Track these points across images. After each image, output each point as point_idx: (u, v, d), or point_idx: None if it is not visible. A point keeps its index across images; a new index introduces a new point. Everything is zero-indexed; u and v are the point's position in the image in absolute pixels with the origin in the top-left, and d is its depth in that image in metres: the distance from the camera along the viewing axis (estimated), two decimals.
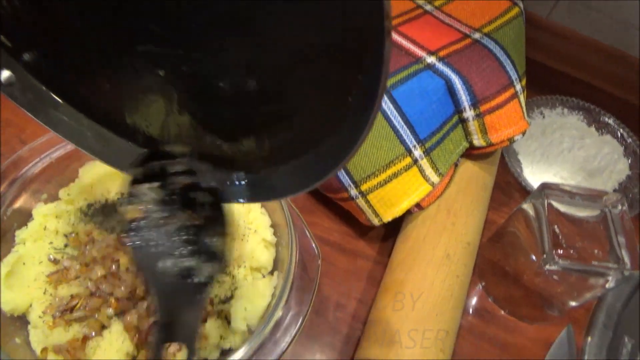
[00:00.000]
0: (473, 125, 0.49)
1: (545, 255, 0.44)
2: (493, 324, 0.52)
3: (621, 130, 0.63)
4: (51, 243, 0.43)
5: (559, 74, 0.74)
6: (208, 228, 0.31)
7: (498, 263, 0.54)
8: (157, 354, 0.27)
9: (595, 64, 0.71)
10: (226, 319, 0.44)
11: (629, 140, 0.63)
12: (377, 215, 0.49)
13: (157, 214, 0.30)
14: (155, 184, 0.30)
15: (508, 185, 0.61)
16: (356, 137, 0.23)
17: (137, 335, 0.40)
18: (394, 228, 0.53)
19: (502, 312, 0.54)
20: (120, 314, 0.41)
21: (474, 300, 0.54)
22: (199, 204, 0.31)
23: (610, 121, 0.64)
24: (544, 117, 0.64)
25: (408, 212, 0.51)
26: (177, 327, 0.29)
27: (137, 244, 0.30)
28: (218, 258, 0.31)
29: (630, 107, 0.71)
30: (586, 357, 0.51)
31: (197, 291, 0.29)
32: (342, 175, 0.49)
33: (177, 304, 0.29)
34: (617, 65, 0.70)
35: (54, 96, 0.31)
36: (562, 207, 0.47)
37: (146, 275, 0.29)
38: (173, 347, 0.40)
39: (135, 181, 0.31)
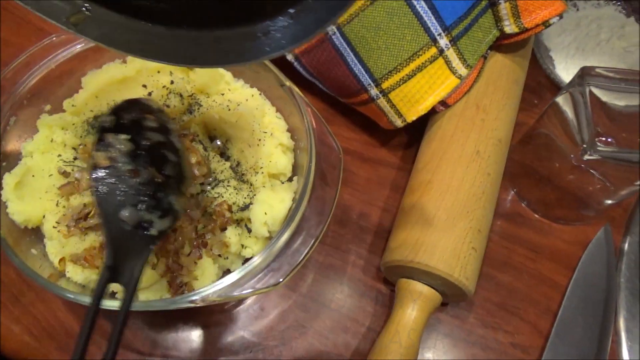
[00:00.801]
0: (505, 9, 0.44)
1: (585, 145, 0.40)
2: (526, 227, 0.50)
3: None
4: (60, 156, 0.41)
5: None
6: (168, 187, 0.33)
7: (530, 165, 0.51)
8: (100, 292, 0.30)
9: None
10: (247, 227, 0.42)
11: None
12: (400, 115, 0.46)
13: (123, 166, 0.32)
14: (124, 137, 0.32)
15: (539, 85, 0.57)
16: None
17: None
18: (418, 133, 0.50)
19: (536, 215, 0.51)
20: None
21: (506, 205, 0.51)
22: (163, 162, 0.33)
23: None
24: (577, 9, 0.59)
25: (433, 111, 0.47)
26: (122, 270, 0.30)
27: (101, 189, 0.32)
28: (172, 216, 0.32)
29: None
30: (625, 257, 0.48)
31: (147, 242, 0.31)
32: (360, 73, 0.45)
33: (126, 250, 0.31)
34: None
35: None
36: (602, 95, 0.43)
37: (103, 219, 0.31)
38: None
39: (107, 129, 0.32)
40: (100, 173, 0.32)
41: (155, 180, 0.32)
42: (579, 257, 0.48)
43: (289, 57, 0.50)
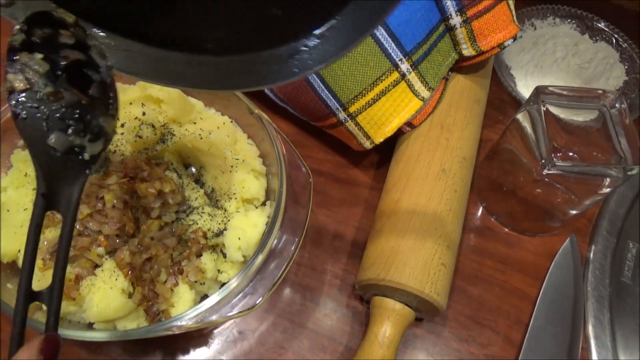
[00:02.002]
0: (461, 33, 0.46)
1: (543, 160, 0.42)
2: (495, 240, 0.52)
3: (616, 35, 0.61)
4: (34, 189, 0.42)
5: None
6: (95, 108, 0.30)
7: (497, 180, 0.53)
8: (38, 221, 0.28)
9: None
10: (222, 252, 0.43)
11: (625, 45, 0.60)
12: (368, 137, 0.48)
13: (43, 88, 0.29)
14: (39, 55, 0.29)
15: (502, 102, 0.59)
16: None
17: (130, 271, 0.39)
18: (388, 152, 0.52)
19: (504, 228, 0.53)
20: (111, 251, 0.40)
21: (474, 220, 0.53)
22: (87, 82, 0.30)
23: (604, 27, 0.61)
24: (535, 28, 0.62)
25: (400, 132, 0.49)
26: (58, 198, 0.29)
27: (22, 115, 0.29)
28: (104, 138, 0.30)
29: (624, 13, 0.68)
30: (591, 265, 0.50)
31: (82, 167, 0.29)
32: (328, 98, 0.47)
33: (60, 177, 0.29)
34: None
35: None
36: (558, 112, 0.46)
37: (29, 148, 0.29)
38: None
39: (17, 49, 0.29)
40: (19, 97, 0.29)
41: (81, 102, 0.30)
42: (547, 268, 0.50)
43: None
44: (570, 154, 0.44)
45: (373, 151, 0.54)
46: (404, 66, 0.45)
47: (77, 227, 0.39)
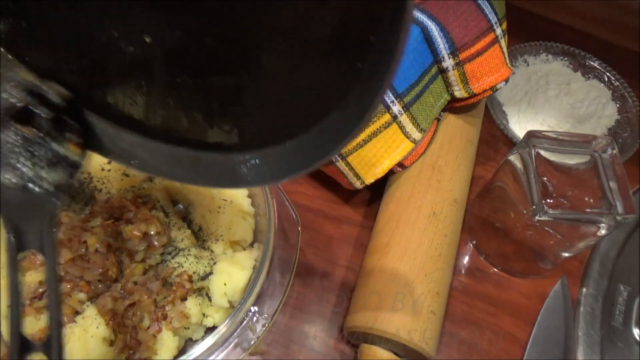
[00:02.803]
0: (453, 75, 0.46)
1: (534, 206, 0.42)
2: (485, 281, 0.51)
3: (608, 74, 0.61)
4: None
5: (541, 19, 0.71)
6: (47, 135, 0.29)
7: (488, 219, 0.52)
8: (13, 265, 0.28)
9: (579, 7, 0.68)
10: (207, 296, 0.42)
11: (617, 84, 0.61)
12: (358, 177, 0.47)
13: None
14: None
15: (494, 138, 0.59)
16: (364, 109, 0.21)
17: (112, 319, 0.38)
18: (379, 191, 0.51)
19: (495, 269, 0.52)
20: (93, 297, 0.39)
21: (464, 259, 0.53)
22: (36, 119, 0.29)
23: (597, 65, 0.61)
24: (528, 64, 0.62)
25: (391, 173, 0.49)
26: (29, 236, 0.28)
27: None
28: (65, 163, 0.29)
29: (616, 50, 0.69)
30: (582, 308, 0.50)
31: (47, 198, 0.28)
32: None
33: (26, 214, 0.28)
34: (602, 7, 0.67)
35: None
36: (550, 156, 0.45)
37: None
38: None
39: None
40: None
41: (24, 135, 0.28)
42: (537, 311, 0.49)
43: None
44: (562, 199, 0.44)
45: (364, 188, 0.54)
46: (396, 108, 0.45)
47: (58, 272, 0.38)
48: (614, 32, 0.69)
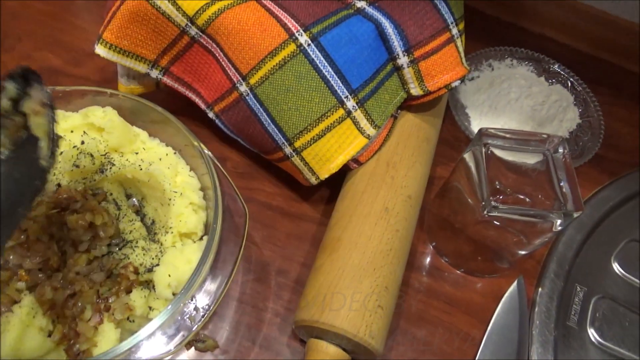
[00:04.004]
0: (408, 73, 0.47)
1: (484, 202, 0.42)
2: (443, 281, 0.51)
3: (571, 79, 0.62)
4: None
5: (508, 24, 0.72)
6: None
7: (447, 219, 0.52)
8: None
9: (545, 13, 0.69)
10: (154, 289, 0.41)
11: (579, 88, 0.61)
12: (313, 173, 0.47)
13: None
14: None
15: (457, 140, 0.59)
16: None
17: (51, 309, 0.37)
18: (339, 187, 0.51)
19: (453, 269, 0.52)
20: (33, 286, 0.38)
21: (424, 260, 0.52)
22: None
23: (560, 70, 0.62)
24: (492, 69, 0.62)
25: (347, 169, 0.49)
26: None
27: None
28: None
29: (580, 56, 0.70)
30: (537, 308, 0.50)
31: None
32: (274, 132, 0.47)
33: None
34: (567, 14, 0.68)
35: None
36: (503, 154, 0.46)
37: None
38: None
39: None
40: None
41: None
42: (493, 310, 0.49)
43: (211, 114, 0.51)
44: (517, 195, 0.44)
45: (324, 185, 0.54)
46: (350, 103, 0.45)
47: None
48: (579, 40, 0.70)
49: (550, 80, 0.62)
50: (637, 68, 0.69)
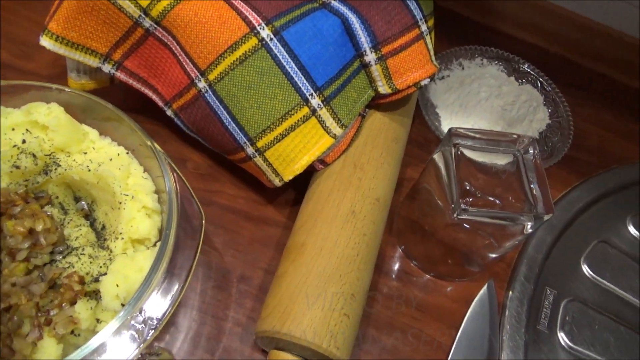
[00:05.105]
0: (376, 70, 0.45)
1: (453, 205, 0.41)
2: (412, 286, 0.49)
3: (541, 79, 0.61)
4: None
5: (478, 25, 0.71)
6: None
7: (416, 222, 0.51)
8: None
9: (515, 13, 0.69)
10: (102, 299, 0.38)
11: (549, 89, 0.61)
12: (277, 174, 0.45)
13: None
14: None
15: (427, 140, 0.58)
16: None
17: None
18: (304, 190, 0.49)
19: (423, 273, 0.51)
20: None
21: (393, 264, 0.51)
22: None
23: (530, 70, 0.62)
24: (463, 68, 0.61)
25: (313, 170, 0.46)
26: None
27: None
28: None
29: (549, 56, 0.70)
30: (507, 312, 0.49)
31: None
32: (235, 131, 0.44)
33: None
34: (536, 14, 0.68)
35: None
36: (472, 155, 0.44)
37: None
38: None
39: None
40: None
41: None
42: (463, 315, 0.48)
43: (169, 112, 0.49)
44: (487, 197, 0.43)
45: (289, 188, 0.51)
46: (315, 101, 0.43)
47: None
48: (549, 40, 0.70)
49: (520, 80, 0.62)
50: (606, 69, 0.69)
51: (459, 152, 0.43)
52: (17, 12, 0.59)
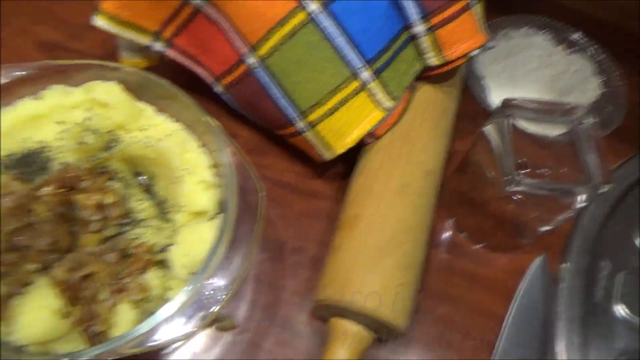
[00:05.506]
0: (425, 42, 0.44)
1: (507, 177, 0.40)
2: (464, 257, 0.49)
3: (591, 48, 0.59)
4: None
5: None
6: None
7: (466, 194, 0.50)
8: None
9: None
10: (170, 268, 0.40)
11: (600, 57, 0.59)
12: (328, 148, 0.45)
13: None
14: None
15: (473, 112, 0.57)
16: None
17: (65, 290, 0.36)
18: (352, 164, 0.49)
19: (474, 245, 0.51)
20: (46, 268, 0.37)
21: (443, 236, 0.51)
22: None
23: (579, 39, 0.60)
24: (508, 38, 0.60)
25: (363, 144, 0.47)
26: None
27: None
28: None
29: (600, 24, 0.67)
30: (562, 284, 0.48)
31: None
32: (285, 107, 0.45)
33: None
34: None
35: None
36: (527, 126, 0.44)
37: None
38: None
39: None
40: None
41: None
42: (516, 286, 0.48)
43: (217, 89, 0.50)
44: (539, 170, 0.42)
45: (338, 162, 0.52)
46: (365, 74, 0.43)
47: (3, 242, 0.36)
48: (597, 7, 0.67)
49: (569, 50, 0.60)
50: None
51: (513, 124, 0.43)
52: None
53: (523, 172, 0.41)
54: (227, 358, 0.43)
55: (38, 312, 0.35)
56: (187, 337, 0.36)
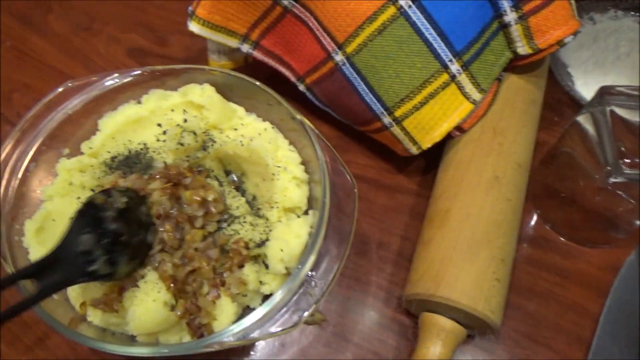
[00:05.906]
0: (516, 30, 0.43)
1: (609, 167, 0.39)
2: (551, 251, 0.48)
3: None
4: (79, 198, 0.42)
5: None
6: (128, 249, 0.37)
7: (553, 186, 0.49)
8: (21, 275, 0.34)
9: None
10: (264, 263, 0.42)
11: None
12: (415, 142, 0.45)
13: (112, 211, 0.37)
14: (124, 199, 0.38)
15: (558, 102, 0.55)
16: None
17: (173, 284, 0.38)
18: (435, 158, 0.49)
19: (561, 238, 0.49)
20: (155, 264, 0.39)
21: (529, 229, 0.50)
22: (138, 233, 0.38)
23: None
24: (594, 22, 0.57)
25: (449, 137, 0.46)
26: (46, 277, 0.33)
27: (85, 209, 0.37)
28: (111, 272, 0.36)
29: None
30: None
31: (80, 271, 0.35)
32: (372, 102, 0.45)
33: (61, 265, 0.34)
34: None
35: None
36: (625, 114, 0.42)
37: (67, 230, 0.35)
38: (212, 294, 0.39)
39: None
40: (95, 202, 0.37)
41: (122, 238, 0.36)
42: (609, 282, 0.46)
43: (301, 87, 0.50)
44: (638, 160, 0.40)
45: (419, 156, 0.52)
46: (454, 67, 0.42)
47: None
48: None
49: None
50: None
51: (612, 112, 0.41)
52: (150, 2, 0.64)
53: (625, 161, 0.39)
54: (314, 349, 0.44)
55: (149, 305, 0.38)
56: (287, 331, 0.37)
